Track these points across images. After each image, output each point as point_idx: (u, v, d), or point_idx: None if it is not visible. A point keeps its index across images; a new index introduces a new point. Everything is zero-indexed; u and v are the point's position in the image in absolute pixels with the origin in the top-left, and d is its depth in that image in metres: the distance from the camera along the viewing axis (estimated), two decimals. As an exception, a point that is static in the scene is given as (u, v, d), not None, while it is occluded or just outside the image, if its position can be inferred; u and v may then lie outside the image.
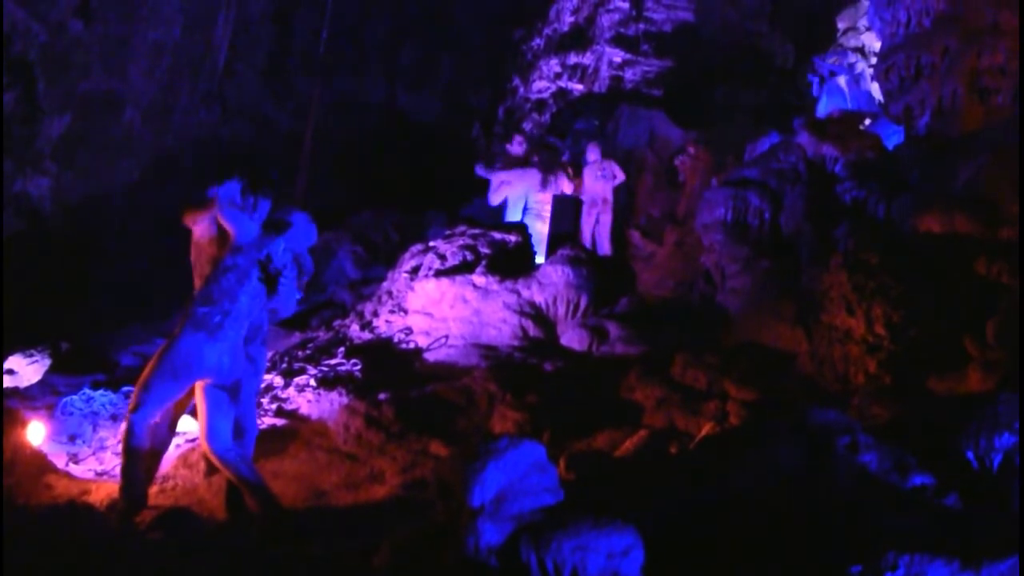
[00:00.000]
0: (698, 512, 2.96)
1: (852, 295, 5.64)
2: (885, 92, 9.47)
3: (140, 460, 4.20)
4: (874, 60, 11.10)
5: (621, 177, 11.20)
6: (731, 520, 2.81)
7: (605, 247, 10.83)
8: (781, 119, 12.07)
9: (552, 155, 13.54)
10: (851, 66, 13.41)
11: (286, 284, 4.42)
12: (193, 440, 5.47)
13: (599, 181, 10.99)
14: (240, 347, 4.44)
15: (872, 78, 11.36)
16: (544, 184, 12.21)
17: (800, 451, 3.04)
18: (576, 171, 11.63)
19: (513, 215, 12.20)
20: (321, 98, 17.50)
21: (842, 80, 13.20)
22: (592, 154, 11.27)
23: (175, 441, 5.12)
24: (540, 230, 11.21)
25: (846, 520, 2.65)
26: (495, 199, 12.49)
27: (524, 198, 12.32)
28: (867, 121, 10.60)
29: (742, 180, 8.44)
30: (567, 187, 11.64)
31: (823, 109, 12.19)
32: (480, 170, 12.95)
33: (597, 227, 10.93)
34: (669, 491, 3.41)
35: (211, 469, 4.81)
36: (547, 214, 11.40)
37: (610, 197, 10.98)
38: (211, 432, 4.22)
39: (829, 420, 3.16)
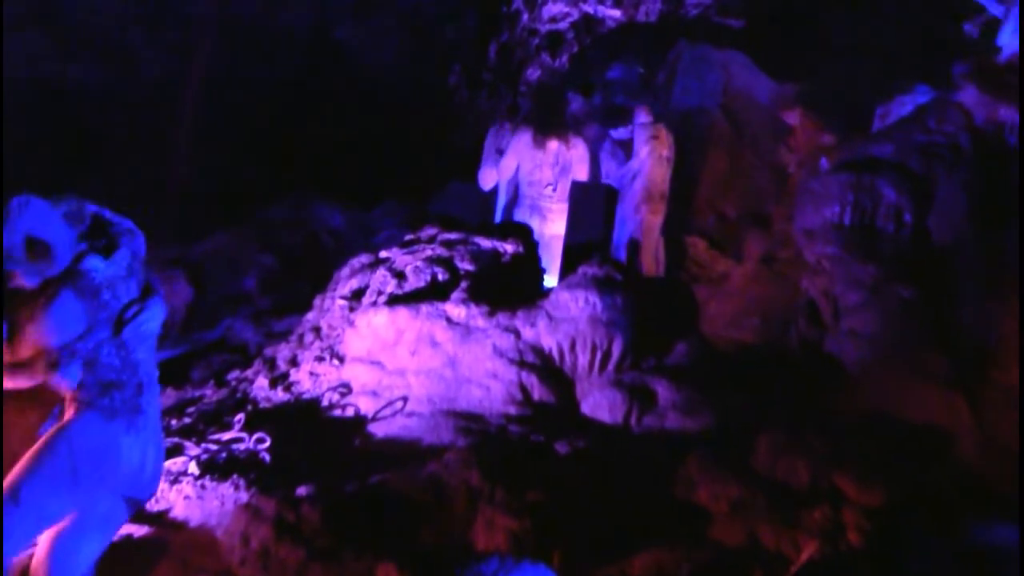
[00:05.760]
0: None
1: (1042, 342, 5.63)
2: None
3: None
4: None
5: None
6: None
7: (651, 263, 10.85)
8: (931, 66, 12.10)
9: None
10: None
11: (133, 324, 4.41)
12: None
13: (660, 159, 11.02)
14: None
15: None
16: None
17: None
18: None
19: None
20: (214, 25, 17.56)
21: None
22: (641, 116, 11.31)
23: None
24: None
25: None
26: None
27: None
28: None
29: (869, 161, 8.47)
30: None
31: (1006, 49, 12.04)
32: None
33: (641, 231, 10.96)
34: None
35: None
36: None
37: (667, 189, 11.05)
38: (69, 554, 4.19)
39: (1009, 541, 3.13)
